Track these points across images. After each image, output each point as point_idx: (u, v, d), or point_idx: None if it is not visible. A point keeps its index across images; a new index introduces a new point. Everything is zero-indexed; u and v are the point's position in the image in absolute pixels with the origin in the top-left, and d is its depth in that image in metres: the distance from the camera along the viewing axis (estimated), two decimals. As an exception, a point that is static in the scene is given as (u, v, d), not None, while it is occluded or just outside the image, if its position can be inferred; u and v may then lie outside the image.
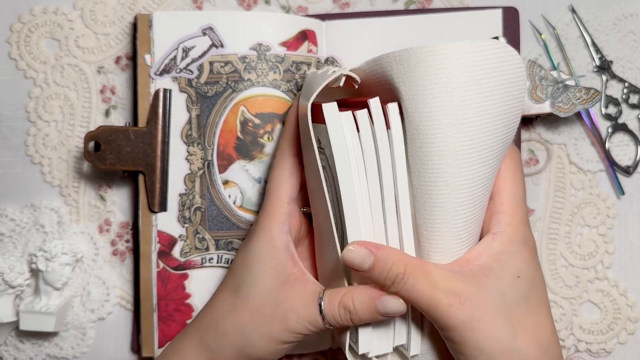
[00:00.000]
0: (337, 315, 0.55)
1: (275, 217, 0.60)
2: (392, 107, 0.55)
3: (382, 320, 0.57)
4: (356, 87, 0.61)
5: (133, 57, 0.72)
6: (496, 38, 0.68)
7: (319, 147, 0.57)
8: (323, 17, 0.72)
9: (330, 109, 0.53)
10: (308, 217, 0.65)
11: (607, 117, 0.71)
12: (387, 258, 0.53)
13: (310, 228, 0.65)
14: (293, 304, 0.57)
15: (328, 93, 0.60)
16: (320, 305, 0.56)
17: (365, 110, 0.54)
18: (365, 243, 0.53)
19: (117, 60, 0.74)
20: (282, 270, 0.59)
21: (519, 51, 0.69)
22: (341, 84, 0.58)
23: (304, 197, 0.64)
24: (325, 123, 0.54)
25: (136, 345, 0.73)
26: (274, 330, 0.57)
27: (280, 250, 0.59)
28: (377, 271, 0.53)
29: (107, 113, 0.73)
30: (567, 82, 0.68)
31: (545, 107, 0.68)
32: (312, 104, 0.56)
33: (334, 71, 0.58)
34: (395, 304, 0.54)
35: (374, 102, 0.54)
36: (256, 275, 0.59)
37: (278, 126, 0.69)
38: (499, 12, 0.70)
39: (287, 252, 0.59)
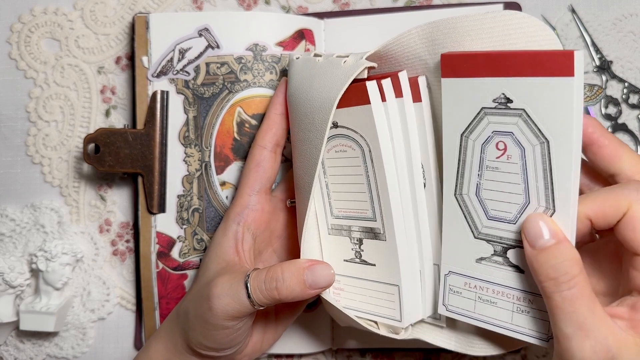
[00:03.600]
0: (264, 288, 0.55)
1: (233, 208, 0.63)
2: (422, 80, 0.54)
3: (311, 295, 0.56)
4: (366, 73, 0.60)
5: (132, 58, 0.72)
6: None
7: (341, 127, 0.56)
8: (321, 15, 0.71)
9: (373, 87, 0.52)
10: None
11: (607, 117, 0.70)
12: (569, 251, 0.46)
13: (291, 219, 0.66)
14: (220, 281, 0.57)
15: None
16: (246, 282, 0.56)
17: (389, 79, 0.53)
18: (555, 225, 0.47)
19: (117, 60, 0.74)
20: (224, 257, 0.61)
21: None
22: (365, 75, 0.56)
23: (291, 189, 0.65)
24: (353, 106, 0.53)
25: (139, 342, 0.73)
26: (202, 310, 0.57)
27: (227, 238, 0.61)
28: (549, 256, 0.46)
29: (107, 113, 0.74)
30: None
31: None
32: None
33: (345, 60, 0.56)
34: (324, 273, 0.55)
35: (403, 75, 0.53)
36: (206, 262, 0.62)
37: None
38: (500, 7, 0.70)
39: (233, 240, 0.61)
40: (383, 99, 0.53)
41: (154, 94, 0.69)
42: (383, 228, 0.55)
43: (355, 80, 0.54)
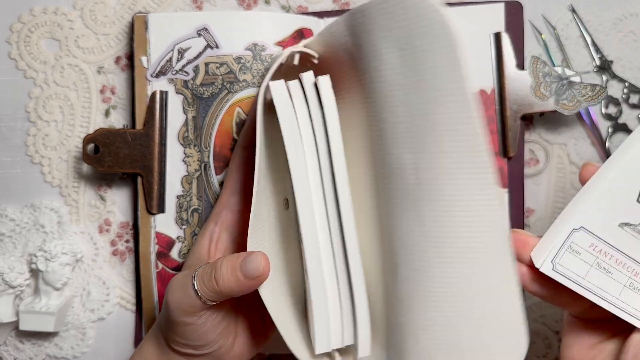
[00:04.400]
0: (205, 279, 0.54)
1: (214, 208, 0.63)
2: (323, 80, 0.52)
3: (248, 286, 0.54)
4: (315, 62, 0.57)
5: (131, 58, 0.72)
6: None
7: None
8: (321, 14, 0.71)
9: (276, 85, 0.51)
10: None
11: (608, 117, 0.70)
12: None
13: None
14: (177, 276, 0.57)
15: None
16: (194, 275, 0.55)
17: (297, 80, 0.52)
18: None
19: (117, 60, 0.73)
20: (197, 255, 0.62)
21: (522, 48, 0.69)
22: (296, 62, 0.54)
23: None
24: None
25: (139, 342, 0.73)
26: (164, 306, 0.58)
27: (204, 237, 0.62)
28: None
29: (107, 113, 0.73)
30: (571, 79, 0.67)
31: (549, 105, 0.67)
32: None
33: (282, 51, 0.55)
34: (255, 263, 0.53)
35: (307, 76, 0.51)
36: (185, 263, 0.63)
37: (274, 127, 0.68)
38: (501, 6, 0.69)
39: (207, 239, 0.62)
40: (292, 99, 0.52)
41: (153, 94, 0.68)
42: (300, 238, 0.54)
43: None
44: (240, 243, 0.63)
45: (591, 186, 0.50)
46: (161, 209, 0.69)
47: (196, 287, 0.54)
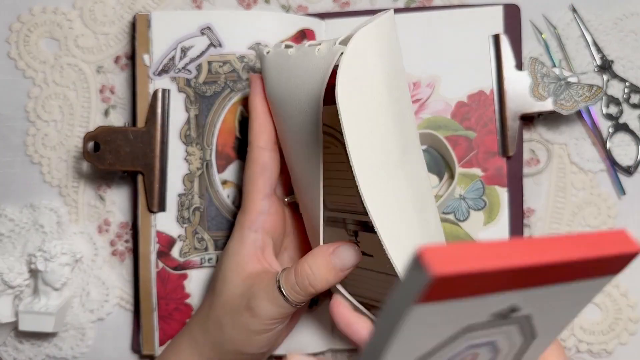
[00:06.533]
0: (298, 289, 0.56)
1: (247, 215, 0.61)
2: None
3: (343, 276, 0.56)
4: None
5: (132, 57, 0.72)
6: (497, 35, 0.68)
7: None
8: (323, 15, 0.71)
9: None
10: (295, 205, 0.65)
11: (608, 116, 0.70)
12: None
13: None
14: (254, 291, 0.58)
15: None
16: (278, 282, 0.56)
17: None
18: None
19: (117, 59, 0.73)
20: (245, 266, 0.60)
21: (520, 49, 0.70)
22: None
23: (286, 186, 0.66)
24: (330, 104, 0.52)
25: (136, 344, 0.72)
26: (243, 320, 0.58)
27: (245, 246, 0.60)
28: None
29: (106, 113, 0.73)
30: (569, 79, 0.68)
31: (547, 105, 0.68)
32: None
33: (318, 49, 0.54)
34: (349, 252, 0.56)
35: None
36: (224, 271, 0.61)
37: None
38: (500, 8, 0.70)
39: (252, 248, 0.60)
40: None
41: (155, 92, 0.68)
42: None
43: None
44: (278, 242, 0.64)
45: None
46: (162, 207, 0.69)
47: (287, 297, 0.56)
